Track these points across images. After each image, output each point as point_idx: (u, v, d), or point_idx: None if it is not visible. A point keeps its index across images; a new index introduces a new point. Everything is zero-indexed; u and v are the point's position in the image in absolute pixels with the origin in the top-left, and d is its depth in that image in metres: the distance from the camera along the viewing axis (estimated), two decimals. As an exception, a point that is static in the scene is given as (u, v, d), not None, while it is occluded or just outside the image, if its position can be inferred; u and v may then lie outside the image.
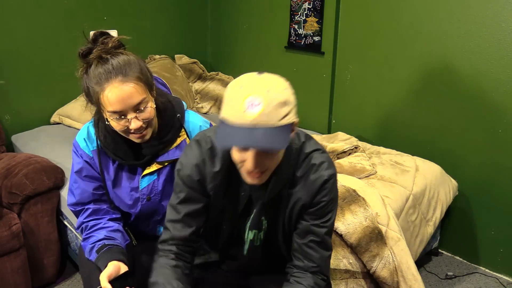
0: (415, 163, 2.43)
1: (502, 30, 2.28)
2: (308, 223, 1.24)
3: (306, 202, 1.22)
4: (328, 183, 1.21)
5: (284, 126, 1.02)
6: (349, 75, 2.94)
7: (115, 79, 1.25)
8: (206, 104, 3.44)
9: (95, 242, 1.39)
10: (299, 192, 1.22)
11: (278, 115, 1.01)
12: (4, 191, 2.14)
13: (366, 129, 2.93)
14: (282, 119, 1.01)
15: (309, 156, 1.22)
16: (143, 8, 3.32)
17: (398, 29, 2.65)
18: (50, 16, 2.87)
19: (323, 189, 1.21)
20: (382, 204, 2.00)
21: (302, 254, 1.27)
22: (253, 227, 1.29)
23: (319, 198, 1.21)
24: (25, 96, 2.88)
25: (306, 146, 1.23)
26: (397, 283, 1.87)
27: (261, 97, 1.00)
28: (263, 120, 0.99)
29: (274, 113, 1.00)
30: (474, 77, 2.41)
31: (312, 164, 1.21)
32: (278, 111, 1.01)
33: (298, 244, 1.27)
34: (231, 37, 3.61)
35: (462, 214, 2.63)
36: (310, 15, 3.00)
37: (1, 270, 2.07)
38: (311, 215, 1.24)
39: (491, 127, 2.40)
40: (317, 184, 1.20)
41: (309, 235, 1.25)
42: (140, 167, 1.46)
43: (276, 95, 1.01)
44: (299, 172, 1.22)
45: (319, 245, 1.25)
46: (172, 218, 1.27)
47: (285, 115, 1.02)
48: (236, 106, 1.01)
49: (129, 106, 1.27)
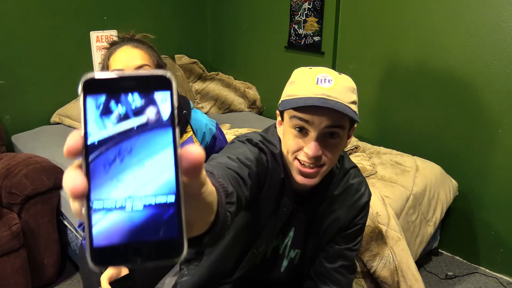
0: (415, 163, 2.43)
1: (502, 30, 2.28)
2: (340, 247, 1.17)
3: (344, 224, 1.15)
4: (367, 206, 1.15)
5: (353, 112, 0.95)
6: (349, 75, 2.94)
7: (128, 44, 1.32)
8: (206, 104, 3.44)
9: None
10: (336, 211, 1.14)
11: (348, 97, 0.95)
12: (4, 191, 2.14)
13: (366, 129, 2.93)
14: (351, 104, 0.95)
15: (347, 173, 1.14)
16: (143, 8, 3.32)
17: (398, 29, 2.65)
18: (50, 16, 2.87)
19: (363, 210, 1.14)
20: (383, 204, 2.00)
21: (330, 279, 1.19)
22: (295, 246, 1.18)
23: (357, 220, 1.15)
24: (25, 96, 2.87)
25: (345, 162, 1.14)
26: (397, 282, 1.87)
27: (333, 76, 0.96)
28: (335, 95, 0.93)
29: (345, 94, 0.95)
30: (474, 77, 2.41)
31: (351, 183, 1.13)
32: (348, 94, 0.95)
33: (326, 268, 1.19)
34: (231, 37, 3.61)
35: (462, 214, 2.63)
36: (310, 15, 3.00)
37: (1, 270, 2.06)
38: (345, 238, 1.17)
39: (491, 127, 2.40)
40: (358, 206, 1.13)
41: (340, 260, 1.18)
42: None
43: (347, 80, 0.98)
44: (338, 190, 1.12)
45: (347, 270, 1.19)
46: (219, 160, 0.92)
47: (354, 101, 0.96)
48: (307, 81, 0.95)
49: (132, 65, 1.29)
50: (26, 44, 2.81)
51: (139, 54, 1.30)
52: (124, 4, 3.19)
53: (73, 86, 3.09)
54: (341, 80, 0.96)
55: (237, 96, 3.45)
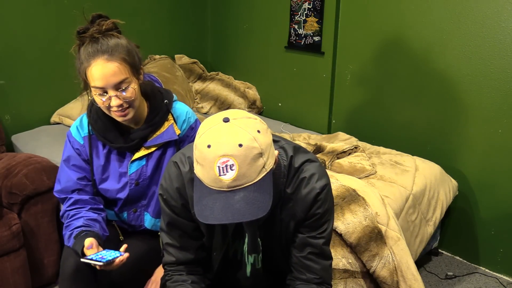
0: (415, 163, 2.43)
1: (502, 30, 2.28)
2: (304, 235, 1.20)
3: (300, 218, 1.18)
4: (321, 195, 1.16)
5: (264, 177, 0.97)
6: (349, 75, 2.94)
7: (101, 57, 1.34)
8: (206, 104, 3.44)
9: (73, 229, 1.43)
10: (292, 208, 1.17)
11: (256, 170, 0.95)
12: (4, 191, 2.14)
13: (366, 129, 2.93)
14: (260, 172, 0.95)
15: (299, 170, 1.16)
16: (143, 8, 3.32)
17: (398, 29, 2.65)
18: (50, 16, 2.87)
19: (316, 201, 1.16)
20: (382, 204, 2.00)
21: (303, 267, 1.23)
22: (251, 251, 1.25)
23: (314, 211, 1.17)
24: (25, 96, 2.88)
25: (294, 160, 1.16)
26: (397, 282, 1.87)
27: (234, 157, 0.92)
28: (240, 183, 0.94)
29: (251, 170, 0.94)
30: (474, 77, 2.41)
31: (302, 178, 1.15)
32: (255, 166, 0.94)
33: (297, 257, 1.23)
34: (231, 37, 3.61)
35: (462, 214, 2.63)
36: (310, 15, 3.00)
37: (1, 270, 2.07)
38: (306, 228, 1.20)
39: (491, 127, 2.40)
40: (309, 198, 1.15)
41: (307, 248, 1.21)
42: (128, 151, 1.51)
43: (249, 149, 0.93)
44: (290, 188, 1.16)
45: (318, 257, 1.22)
46: (169, 241, 1.26)
47: (263, 166, 0.96)
48: (209, 171, 0.94)
49: (111, 83, 1.34)
50: (25, 44, 2.81)
51: (115, 69, 1.34)
52: (124, 4, 3.19)
53: (73, 86, 3.08)
54: (242, 156, 0.92)
55: (237, 96, 3.45)
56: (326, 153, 2.49)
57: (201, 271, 1.29)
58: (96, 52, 1.34)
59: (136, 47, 1.44)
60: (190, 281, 1.24)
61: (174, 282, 1.24)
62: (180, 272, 1.26)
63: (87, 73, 1.36)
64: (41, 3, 2.82)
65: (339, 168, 2.32)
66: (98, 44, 1.36)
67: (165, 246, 1.27)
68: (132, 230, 1.65)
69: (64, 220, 1.51)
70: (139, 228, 1.63)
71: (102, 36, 1.38)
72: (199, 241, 1.26)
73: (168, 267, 1.28)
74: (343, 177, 2.15)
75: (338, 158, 2.44)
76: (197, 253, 1.26)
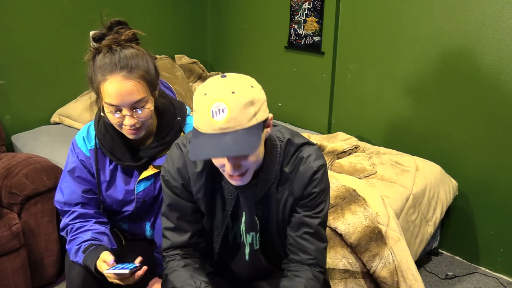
0: (415, 163, 2.43)
1: (502, 30, 2.28)
2: (300, 214, 1.23)
3: (298, 196, 1.22)
4: (318, 174, 1.20)
5: (254, 126, 1.02)
6: (349, 75, 2.94)
7: (118, 73, 1.24)
8: (206, 104, 3.44)
9: (81, 243, 1.37)
10: (290, 187, 1.21)
11: (246, 117, 1.00)
12: (4, 191, 2.14)
13: (366, 129, 2.93)
14: (251, 120, 1.01)
15: (298, 150, 1.21)
16: (143, 8, 3.32)
17: (398, 29, 2.65)
18: (50, 16, 2.87)
19: (313, 180, 1.20)
20: (382, 204, 2.00)
21: (297, 247, 1.25)
22: (249, 230, 1.27)
23: (310, 189, 1.20)
24: (25, 96, 2.87)
25: (293, 141, 1.22)
26: (397, 283, 1.87)
27: (226, 101, 0.98)
28: (231, 125, 0.99)
29: (242, 116, 0.99)
30: (474, 77, 2.41)
31: (300, 157, 1.20)
32: (246, 112, 1.00)
33: (292, 237, 1.25)
34: (231, 37, 3.61)
35: (462, 214, 2.63)
36: (310, 15, 3.00)
37: (1, 270, 2.07)
38: (303, 207, 1.23)
39: (491, 127, 2.40)
40: (306, 175, 1.19)
41: (303, 227, 1.24)
42: (136, 169, 1.44)
43: (241, 96, 1.00)
44: (288, 167, 1.20)
45: (313, 237, 1.24)
46: (167, 225, 1.29)
47: (254, 115, 1.01)
48: (203, 115, 1.00)
49: (127, 102, 1.25)
50: (25, 44, 2.80)
51: (132, 88, 1.24)
52: (124, 4, 3.19)
53: (73, 86, 3.10)
54: (234, 102, 0.99)
55: (237, 96, 3.45)
56: (326, 153, 2.49)
57: (197, 255, 1.31)
58: (114, 66, 1.24)
59: (154, 59, 1.35)
60: (183, 264, 1.25)
61: (169, 269, 1.26)
62: (174, 257, 1.27)
63: (101, 88, 1.26)
64: (41, 3, 2.82)
65: (339, 168, 2.32)
66: (115, 56, 1.25)
67: (163, 231, 1.30)
68: (132, 238, 1.62)
69: (66, 234, 1.44)
70: (139, 236, 1.60)
71: (121, 48, 1.27)
72: (196, 225, 1.28)
73: (165, 253, 1.29)
74: (343, 177, 2.15)
75: (338, 158, 2.44)
76: (193, 238, 1.28)
